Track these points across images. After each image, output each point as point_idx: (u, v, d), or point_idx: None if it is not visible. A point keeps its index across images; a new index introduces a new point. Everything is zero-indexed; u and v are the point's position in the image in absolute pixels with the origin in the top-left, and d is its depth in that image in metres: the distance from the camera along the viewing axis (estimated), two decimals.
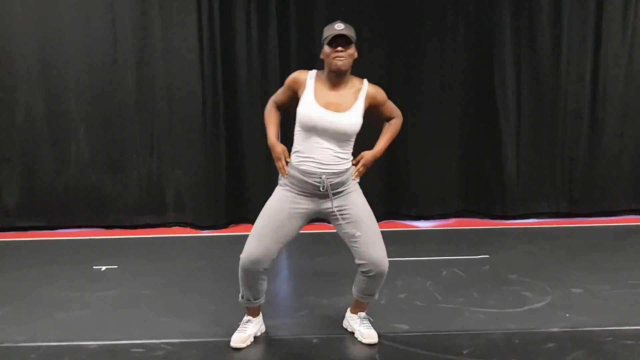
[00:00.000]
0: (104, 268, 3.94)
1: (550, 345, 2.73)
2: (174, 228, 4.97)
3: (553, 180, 5.13)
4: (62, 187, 4.88)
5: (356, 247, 2.62)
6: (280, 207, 2.60)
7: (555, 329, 2.89)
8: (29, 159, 4.84)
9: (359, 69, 5.04)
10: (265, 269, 2.61)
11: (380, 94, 2.66)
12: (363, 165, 2.71)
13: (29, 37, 4.69)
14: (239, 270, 2.63)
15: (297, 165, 2.60)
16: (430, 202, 5.09)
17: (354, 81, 2.62)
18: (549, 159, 5.11)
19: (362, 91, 2.60)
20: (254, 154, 4.92)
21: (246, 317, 2.83)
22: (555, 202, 5.13)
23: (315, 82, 2.58)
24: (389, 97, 5.09)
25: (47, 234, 4.84)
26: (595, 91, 5.03)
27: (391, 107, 2.75)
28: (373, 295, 2.77)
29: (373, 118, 2.75)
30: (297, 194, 2.60)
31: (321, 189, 2.56)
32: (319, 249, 4.26)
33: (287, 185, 2.62)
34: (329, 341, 2.81)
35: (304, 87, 2.58)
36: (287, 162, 2.62)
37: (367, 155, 2.72)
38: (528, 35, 4.93)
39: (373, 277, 2.64)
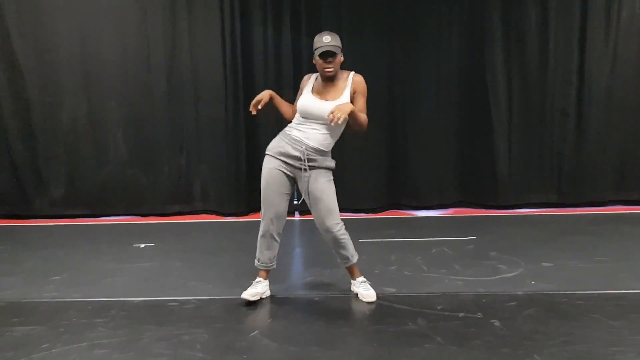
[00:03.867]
0: (142, 245, 4.59)
1: (512, 304, 3.27)
2: (200, 215, 5.62)
3: (543, 173, 5.63)
4: (102, 180, 5.57)
5: (313, 214, 3.26)
6: (272, 175, 3.25)
7: (519, 292, 3.43)
8: (73, 156, 5.55)
9: (363, 69, 5.67)
10: (279, 230, 3.30)
11: (362, 83, 3.21)
12: (339, 109, 2.98)
13: (72, 49, 5.40)
14: (259, 235, 3.29)
15: (288, 132, 3.23)
16: (430, 194, 5.65)
17: (343, 74, 3.23)
18: (538, 153, 5.61)
19: (349, 80, 3.20)
20: None
21: (257, 278, 3.43)
22: (545, 193, 5.64)
23: (316, 80, 3.26)
24: (390, 96, 5.66)
25: (90, 221, 5.53)
26: (581, 91, 5.52)
27: (362, 103, 3.23)
28: (346, 258, 3.33)
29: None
30: (281, 161, 3.22)
31: (301, 157, 3.16)
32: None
33: (273, 153, 3.25)
34: (327, 299, 3.40)
35: (308, 83, 3.26)
36: (260, 106, 3.18)
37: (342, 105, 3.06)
38: (517, 38, 5.45)
39: (330, 241, 3.26)
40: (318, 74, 3.26)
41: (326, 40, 3.10)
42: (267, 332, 3.00)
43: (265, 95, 3.21)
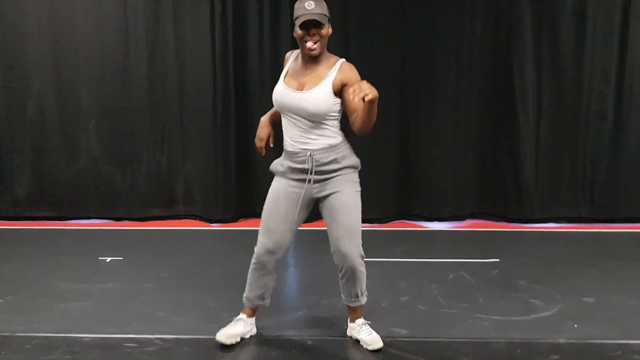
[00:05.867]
0: (109, 259, 3.94)
1: (555, 357, 2.61)
2: (183, 221, 4.96)
3: (573, 183, 4.94)
4: (72, 178, 4.91)
5: (330, 237, 2.56)
6: (279, 195, 2.57)
7: (562, 340, 2.76)
8: (40, 150, 4.88)
9: (373, 66, 4.90)
10: (277, 260, 2.61)
11: (353, 73, 2.45)
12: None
13: (41, 28, 4.74)
14: (251, 265, 2.63)
15: (285, 148, 2.57)
16: (444, 203, 4.96)
17: (330, 59, 2.51)
18: (569, 161, 4.92)
19: (334, 68, 2.46)
20: None
21: (240, 315, 2.76)
22: (575, 207, 4.94)
23: (294, 61, 2.57)
24: (402, 92, 4.93)
25: (57, 223, 4.87)
26: (621, 91, 4.80)
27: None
28: (357, 296, 2.64)
29: None
30: (290, 179, 2.56)
31: (306, 166, 2.49)
32: (324, 247, 4.17)
33: (280, 173, 2.59)
34: (323, 343, 2.74)
35: (288, 63, 2.59)
36: (269, 145, 2.67)
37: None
38: (550, 30, 4.75)
39: (344, 273, 2.57)
40: (298, 52, 2.57)
41: (309, 6, 2.39)
42: None
43: (265, 130, 2.69)
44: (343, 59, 2.52)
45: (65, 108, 4.83)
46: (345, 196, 2.52)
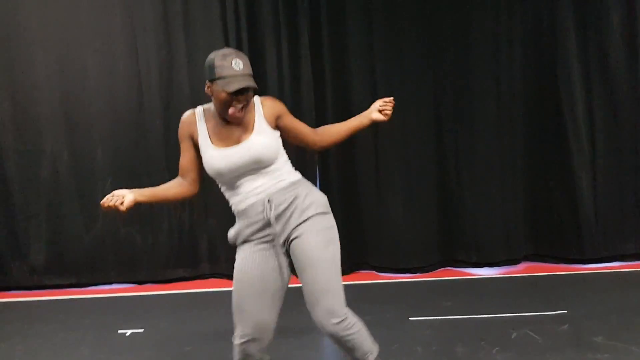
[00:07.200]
0: (128, 332, 3.57)
1: None
2: (208, 281, 4.60)
3: (638, 215, 4.43)
4: (90, 242, 4.60)
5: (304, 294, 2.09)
6: (246, 266, 2.12)
7: None
8: (56, 214, 4.60)
9: (403, 93, 4.47)
10: (264, 347, 2.12)
11: (276, 102, 2.21)
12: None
13: (52, 85, 4.53)
14: (236, 356, 2.12)
15: (238, 215, 2.17)
16: (493, 246, 4.48)
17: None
18: (631, 190, 4.42)
19: (257, 109, 2.14)
20: None
21: None
22: None
23: (206, 122, 2.15)
24: (438, 124, 4.54)
25: (76, 291, 4.55)
26: None
27: (298, 121, 2.26)
28: (364, 356, 2.12)
29: None
30: (255, 241, 2.14)
31: (266, 215, 2.09)
32: (365, 304, 3.74)
33: (241, 237, 2.16)
34: None
35: (197, 132, 2.15)
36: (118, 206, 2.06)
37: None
38: (597, 49, 4.35)
39: (330, 338, 2.07)
40: (202, 111, 2.18)
41: (237, 66, 2.01)
42: None
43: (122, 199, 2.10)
44: (256, 96, 2.17)
45: (80, 168, 4.57)
46: (316, 240, 2.08)
